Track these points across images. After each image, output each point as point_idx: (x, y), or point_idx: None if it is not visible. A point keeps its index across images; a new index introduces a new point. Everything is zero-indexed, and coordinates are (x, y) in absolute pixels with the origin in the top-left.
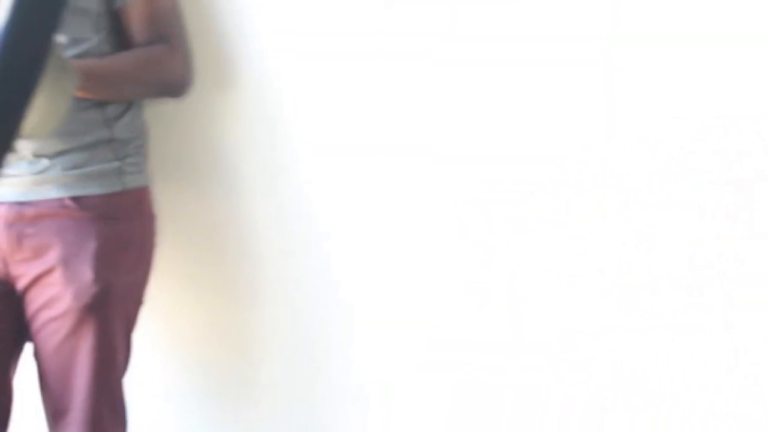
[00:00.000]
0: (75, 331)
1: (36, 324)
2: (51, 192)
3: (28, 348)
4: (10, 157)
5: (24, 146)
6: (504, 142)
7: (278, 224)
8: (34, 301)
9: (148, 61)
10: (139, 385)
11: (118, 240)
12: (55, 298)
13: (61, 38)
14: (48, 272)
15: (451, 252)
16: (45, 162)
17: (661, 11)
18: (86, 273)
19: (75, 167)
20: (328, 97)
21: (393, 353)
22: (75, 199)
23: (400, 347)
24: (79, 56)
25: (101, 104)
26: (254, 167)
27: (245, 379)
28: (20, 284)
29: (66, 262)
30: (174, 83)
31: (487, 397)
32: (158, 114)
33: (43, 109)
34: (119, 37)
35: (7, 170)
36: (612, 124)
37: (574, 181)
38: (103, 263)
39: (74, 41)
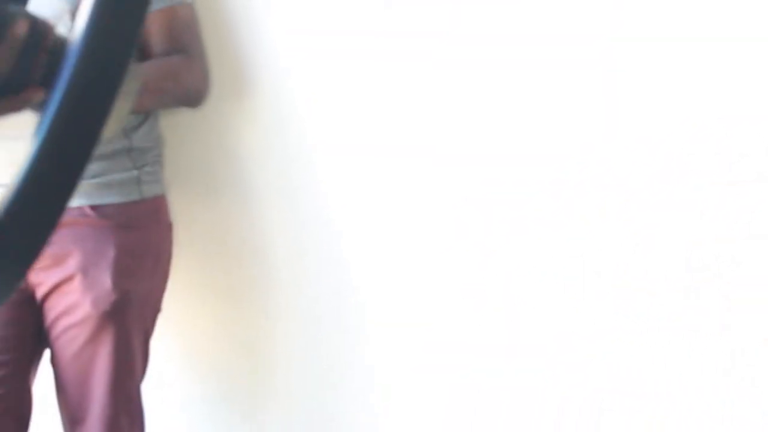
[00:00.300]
0: (94, 338)
1: (55, 331)
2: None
3: (46, 355)
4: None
5: None
6: (502, 144)
7: (292, 230)
8: (53, 309)
9: (168, 72)
10: (154, 392)
11: (136, 248)
12: (74, 305)
13: None
14: (67, 280)
15: (448, 254)
16: None
17: (661, 13)
18: (105, 281)
19: (94, 176)
20: (341, 102)
21: (407, 355)
22: (94, 207)
23: (415, 349)
24: None
25: None
26: (268, 174)
27: (258, 384)
28: (40, 292)
29: (85, 270)
30: (192, 94)
31: (484, 400)
32: (173, 123)
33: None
34: (137, 47)
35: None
36: (611, 125)
37: (573, 182)
38: (122, 271)
39: None
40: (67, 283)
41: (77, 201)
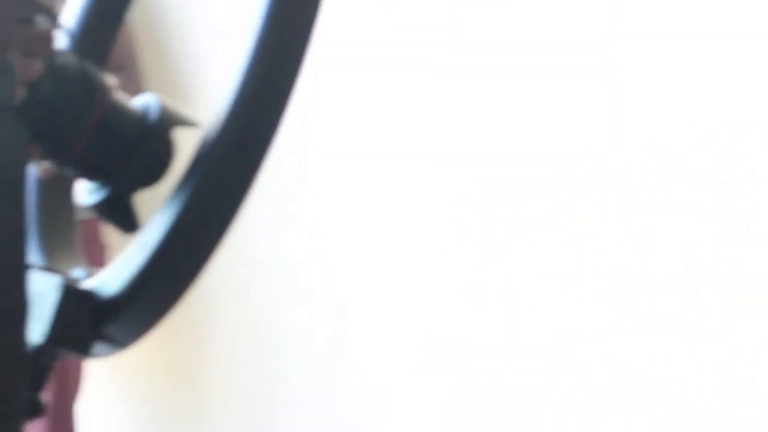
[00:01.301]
0: None
1: None
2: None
3: None
4: None
5: None
6: (499, 144)
7: (234, 246)
8: None
9: None
10: (87, 412)
11: None
12: None
13: None
14: None
15: (447, 254)
16: None
17: (657, 11)
18: None
19: None
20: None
21: (380, 361)
22: None
23: (391, 352)
24: None
25: None
26: None
27: (193, 408)
28: None
29: None
30: None
31: (484, 400)
32: None
33: None
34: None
35: None
36: (610, 125)
37: (571, 182)
38: None
39: None
40: None
41: None
